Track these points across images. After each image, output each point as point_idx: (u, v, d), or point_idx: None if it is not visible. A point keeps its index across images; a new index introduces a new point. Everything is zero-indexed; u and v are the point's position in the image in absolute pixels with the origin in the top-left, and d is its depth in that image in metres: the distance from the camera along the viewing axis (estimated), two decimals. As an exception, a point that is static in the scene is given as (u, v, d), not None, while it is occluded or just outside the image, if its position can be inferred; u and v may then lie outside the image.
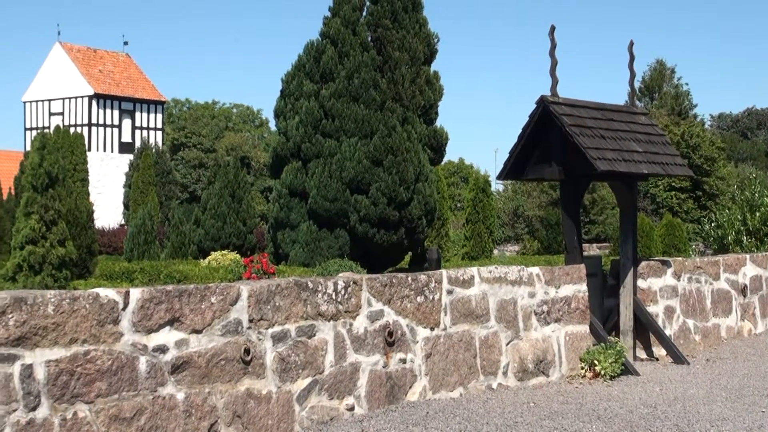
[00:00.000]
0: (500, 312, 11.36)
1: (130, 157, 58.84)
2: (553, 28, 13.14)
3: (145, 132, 64.20)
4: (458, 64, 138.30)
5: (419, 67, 24.60)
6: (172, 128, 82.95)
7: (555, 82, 13.08)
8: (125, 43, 75.96)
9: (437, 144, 25.18)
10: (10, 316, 6.97)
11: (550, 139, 13.01)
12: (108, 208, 58.22)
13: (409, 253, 26.07)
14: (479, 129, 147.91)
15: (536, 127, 13.02)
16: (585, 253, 14.38)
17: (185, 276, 20.20)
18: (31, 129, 63.84)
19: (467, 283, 10.99)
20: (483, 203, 31.29)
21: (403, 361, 10.13)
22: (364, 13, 24.68)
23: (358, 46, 24.01)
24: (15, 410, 6.93)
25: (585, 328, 12.61)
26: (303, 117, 23.97)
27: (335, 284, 9.52)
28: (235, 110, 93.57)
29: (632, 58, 14.42)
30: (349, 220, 23.48)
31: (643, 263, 14.25)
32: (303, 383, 9.06)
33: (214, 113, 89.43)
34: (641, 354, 13.92)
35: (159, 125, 66.01)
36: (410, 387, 10.21)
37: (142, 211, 28.25)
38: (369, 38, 24.50)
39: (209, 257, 24.23)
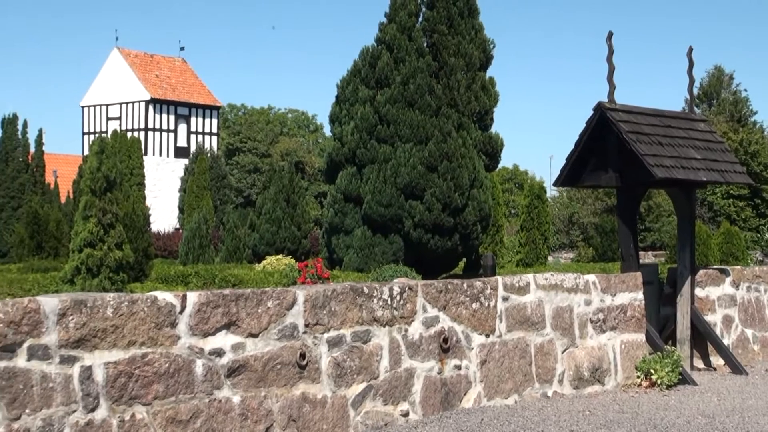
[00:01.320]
0: (556, 319, 11.29)
1: (186, 161, 59.32)
2: (610, 35, 13.06)
3: (200, 137, 64.68)
4: (514, 70, 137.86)
5: (475, 72, 24.56)
6: (228, 133, 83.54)
7: (612, 88, 12.99)
8: (182, 49, 76.86)
9: (492, 150, 25.11)
10: (70, 318, 7.04)
11: (606, 146, 12.92)
12: (163, 212, 58.72)
13: (464, 259, 26.01)
14: (534, 135, 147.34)
15: (593, 133, 12.93)
16: (641, 261, 14.26)
17: (240, 280, 20.30)
18: (88, 133, 64.61)
19: (523, 290, 10.94)
20: (538, 210, 31.14)
21: (458, 367, 10.10)
22: (420, 19, 24.69)
23: (413, 51, 24.02)
24: (74, 411, 7.00)
25: (641, 337, 12.50)
26: (358, 122, 24.03)
27: (391, 290, 9.51)
28: (290, 115, 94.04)
29: (691, 65, 14.27)
30: (404, 225, 23.48)
31: (701, 272, 14.09)
32: (358, 388, 9.06)
33: (269, 118, 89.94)
34: (698, 363, 13.77)
35: (214, 130, 66.50)
36: (465, 393, 10.18)
37: (197, 215, 28.46)
38: (425, 44, 24.50)
39: (264, 261, 24.34)
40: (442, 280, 10.38)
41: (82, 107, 65.95)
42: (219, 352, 7.97)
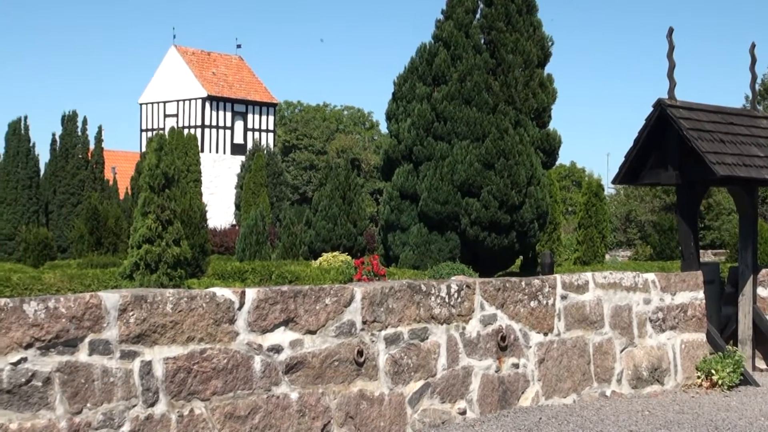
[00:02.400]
0: (615, 318, 11.17)
1: (242, 158, 59.67)
2: (671, 31, 12.90)
3: (256, 134, 64.99)
4: (572, 66, 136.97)
5: (533, 69, 24.43)
6: (284, 130, 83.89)
7: (672, 85, 12.83)
8: (238, 46, 77.20)
9: (550, 147, 24.97)
10: (130, 313, 7.09)
11: (666, 143, 12.76)
12: (220, 208, 59.08)
13: (520, 257, 25.90)
14: (591, 132, 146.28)
15: (652, 130, 12.78)
16: (701, 260, 14.08)
17: (296, 277, 20.37)
18: (146, 130, 65.21)
19: (581, 288, 10.84)
20: (596, 207, 30.88)
21: (516, 366, 10.03)
22: (478, 16, 24.63)
23: (470, 48, 23.96)
24: (134, 406, 7.05)
25: (701, 337, 12.34)
26: (415, 119, 24.01)
27: (448, 287, 9.47)
28: (346, 112, 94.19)
29: (754, 61, 14.05)
30: (460, 223, 23.43)
31: (763, 271, 13.86)
32: (415, 386, 9.04)
33: (325, 115, 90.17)
34: (760, 364, 13.55)
35: (271, 127, 66.80)
36: (523, 392, 10.11)
37: (254, 211, 28.59)
38: (482, 41, 24.42)
39: (320, 258, 24.40)
40: (500, 278, 10.32)
41: (140, 104, 66.56)
42: (277, 349, 7.98)
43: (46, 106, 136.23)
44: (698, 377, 12.01)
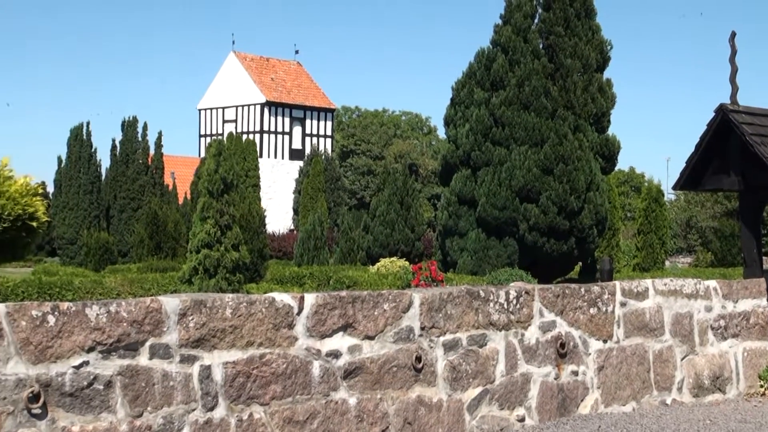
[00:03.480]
0: (675, 326, 11.04)
1: (300, 163, 59.96)
2: (733, 35, 12.73)
3: (315, 139, 65.24)
4: (630, 70, 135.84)
5: (591, 74, 24.27)
6: (342, 135, 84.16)
7: (735, 89, 12.66)
8: (296, 52, 77.38)
9: (609, 153, 24.78)
10: (190, 318, 7.14)
11: (729, 149, 12.59)
12: (278, 213, 59.38)
13: (579, 263, 25.72)
14: (650, 137, 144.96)
15: (714, 136, 12.62)
16: (764, 267, 13.87)
17: (354, 282, 20.39)
18: (205, 136, 65.72)
19: (641, 295, 10.73)
20: (655, 213, 30.59)
21: (575, 373, 9.95)
22: (536, 21, 24.52)
23: (529, 53, 23.86)
24: (194, 410, 7.10)
25: (765, 345, 12.15)
26: (473, 125, 23.96)
27: (507, 294, 9.42)
28: (403, 118, 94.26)
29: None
30: (518, 228, 23.32)
31: (828, 278, 13.63)
32: (474, 392, 8.99)
33: (383, 120, 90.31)
34: (824, 373, 13.33)
35: (329, 132, 67.02)
36: (582, 400, 10.02)
37: (312, 216, 28.70)
38: (540, 45, 24.31)
39: (378, 263, 24.42)
40: (559, 285, 10.25)
41: (199, 110, 67.10)
42: (336, 354, 7.99)
43: (107, 111, 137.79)
44: (761, 386, 11.84)
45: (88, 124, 42.01)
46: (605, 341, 10.28)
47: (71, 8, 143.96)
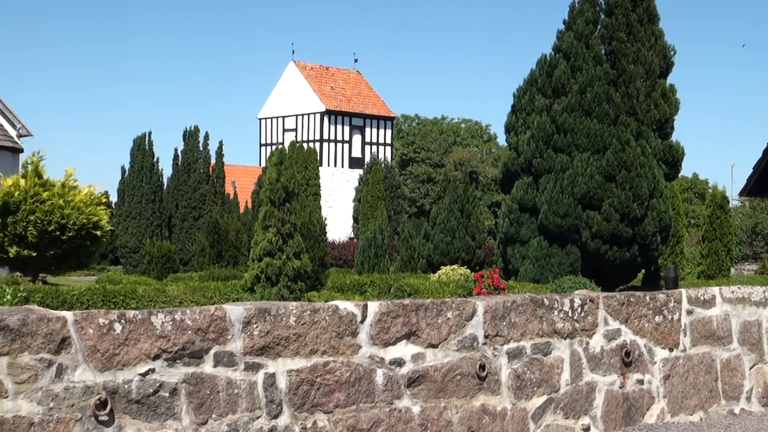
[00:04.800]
0: (743, 334, 10.87)
1: (360, 172, 60.08)
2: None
3: (374, 147, 65.33)
4: (693, 75, 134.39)
5: (654, 80, 24.00)
6: (401, 143, 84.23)
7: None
8: (356, 60, 77.73)
9: (673, 159, 24.48)
10: (254, 326, 7.15)
11: (797, 154, 12.40)
12: (338, 221, 59.51)
13: (642, 270, 25.44)
14: (714, 143, 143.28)
15: (783, 141, 12.43)
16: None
17: (415, 290, 20.33)
18: (265, 145, 66.10)
19: (708, 303, 10.57)
20: (720, 220, 30.14)
21: (641, 382, 9.83)
22: (599, 26, 24.32)
23: (591, 59, 23.67)
24: (258, 417, 7.10)
25: (835, 354, 11.91)
26: (534, 132, 23.82)
27: (571, 302, 9.33)
28: (463, 125, 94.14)
29: None
30: (581, 236, 23.13)
31: None
32: (538, 401, 8.92)
33: (442, 128, 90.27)
34: None
35: (388, 140, 67.08)
36: (647, 409, 9.90)
37: (373, 224, 28.70)
38: (603, 51, 24.11)
39: (439, 271, 24.33)
40: (624, 293, 10.13)
41: (260, 119, 67.52)
42: (399, 362, 7.96)
43: (169, 121, 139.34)
44: (832, 396, 11.60)
45: (150, 134, 42.43)
46: (671, 350, 10.14)
47: (134, 20, 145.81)
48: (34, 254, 22.47)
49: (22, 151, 32.50)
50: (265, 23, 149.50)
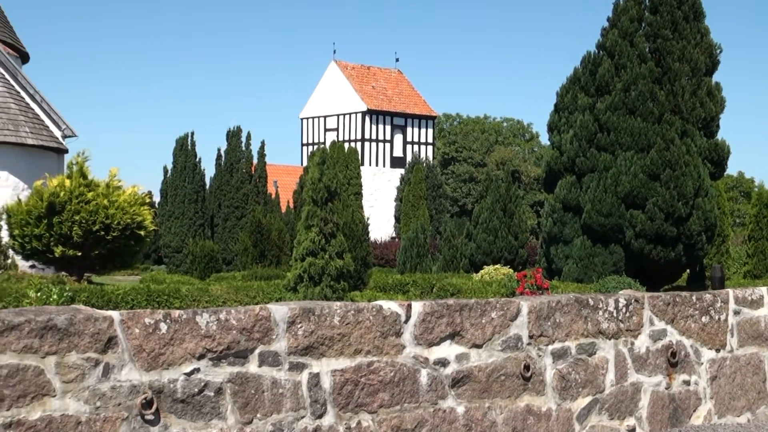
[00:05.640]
0: (791, 335, 10.73)
1: (402, 171, 60.09)
2: None
3: (416, 146, 65.28)
4: (739, 73, 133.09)
5: (700, 78, 23.81)
6: (443, 143, 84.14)
7: None
8: (397, 60, 77.86)
9: (718, 158, 24.28)
10: (299, 326, 7.15)
11: None
12: (380, 221, 59.54)
13: (687, 270, 25.24)
14: (760, 141, 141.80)
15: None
16: None
17: (458, 289, 20.29)
18: (307, 144, 66.26)
19: (756, 303, 10.45)
20: (767, 219, 29.83)
21: (687, 382, 9.73)
22: (643, 24, 24.15)
23: (635, 57, 23.52)
24: (303, 417, 7.10)
25: None
26: (577, 130, 23.71)
27: (616, 302, 9.25)
28: (505, 124, 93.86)
29: None
30: (624, 235, 22.98)
31: None
32: (583, 402, 8.85)
33: (484, 127, 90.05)
34: None
35: (430, 140, 67.01)
36: (694, 410, 9.80)
37: (415, 224, 28.70)
38: (647, 49, 23.94)
39: (482, 271, 24.29)
40: (670, 293, 10.04)
41: (301, 119, 67.69)
42: (443, 362, 7.93)
43: (212, 121, 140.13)
44: None
45: (192, 134, 42.66)
46: (718, 350, 10.04)
47: (177, 21, 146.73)
48: (79, 254, 22.66)
49: (66, 151, 32.78)
50: (307, 23, 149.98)
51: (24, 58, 37.32)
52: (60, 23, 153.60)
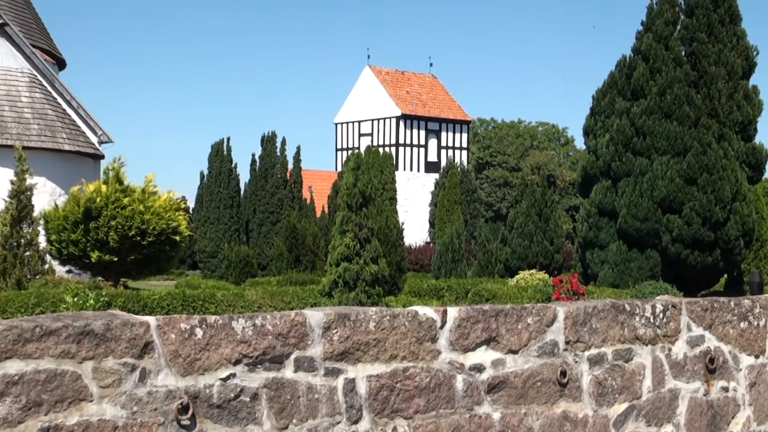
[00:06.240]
0: (831, 340, 10.60)
1: (436, 176, 60.00)
2: None
3: (450, 151, 65.20)
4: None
5: (737, 81, 23.67)
6: (478, 147, 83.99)
7: None
8: (431, 65, 77.79)
9: (756, 162, 24.11)
10: (334, 331, 7.14)
11: None
12: (414, 225, 59.48)
13: (724, 275, 25.05)
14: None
15: None
16: None
17: (493, 294, 20.24)
18: (341, 149, 66.33)
19: (795, 308, 10.33)
20: (805, 223, 29.56)
21: (725, 389, 9.63)
22: (678, 27, 24.02)
23: (670, 61, 23.40)
24: (338, 423, 7.09)
25: None
26: (613, 135, 23.61)
27: (653, 307, 9.18)
28: (540, 128, 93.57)
29: None
30: (661, 240, 22.85)
31: None
32: (620, 408, 8.78)
33: (519, 132, 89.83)
34: None
35: (464, 144, 66.90)
36: (732, 417, 9.70)
37: (450, 229, 28.68)
38: (683, 53, 23.81)
39: (517, 276, 24.22)
40: (708, 298, 9.94)
41: (336, 124, 67.77)
42: (479, 368, 7.89)
43: (246, 127, 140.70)
44: None
45: (228, 139, 42.85)
46: (757, 357, 9.93)
47: (209, 27, 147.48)
48: (116, 259, 22.78)
49: (103, 157, 33.00)
50: (341, 29, 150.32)
51: (61, 64, 37.65)
52: (96, 29, 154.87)
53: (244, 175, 44.33)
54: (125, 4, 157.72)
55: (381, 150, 55.14)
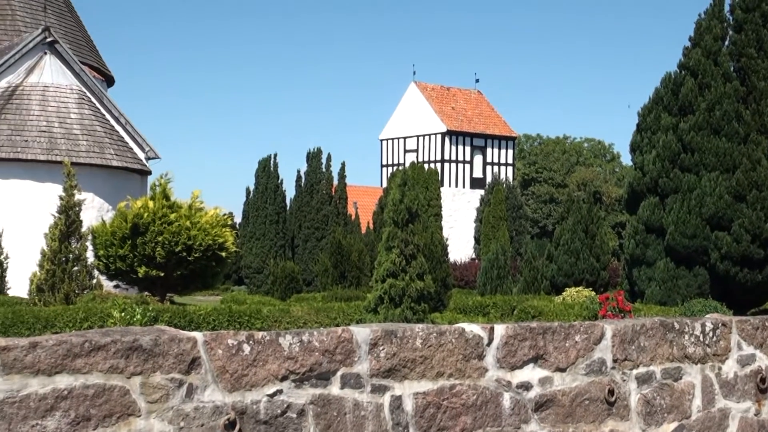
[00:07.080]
0: None
1: (481, 192, 59.88)
2: None
3: (496, 167, 65.01)
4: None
5: (787, 97, 23.42)
6: (523, 163, 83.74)
7: None
8: (476, 81, 77.66)
9: (806, 178, 23.81)
10: (381, 348, 7.12)
11: None
12: (459, 242, 59.34)
13: (776, 293, 24.75)
14: None
15: None
16: None
17: (539, 312, 20.12)
18: (387, 165, 66.33)
19: None
20: None
21: (777, 409, 9.50)
22: (727, 43, 23.83)
23: (719, 76, 23.19)
24: (385, 440, 7.06)
25: None
26: (660, 151, 23.43)
27: (702, 326, 9.07)
28: (586, 144, 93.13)
29: None
30: (709, 257, 22.62)
31: None
32: (669, 427, 8.68)
33: (564, 148, 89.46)
34: None
35: (510, 161, 66.70)
36: (784, 437, 9.56)
37: (495, 245, 28.58)
38: (731, 68, 23.60)
39: (564, 293, 24.06)
40: (758, 317, 9.81)
41: (381, 140, 67.82)
42: (526, 386, 7.84)
43: (292, 143, 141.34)
44: None
45: (275, 156, 43.03)
46: (809, 376, 9.79)
47: (258, 45, 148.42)
48: (162, 274, 22.91)
49: (150, 173, 33.27)
50: (387, 45, 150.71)
51: (109, 81, 38.05)
52: (144, 45, 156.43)
53: (289, 191, 44.52)
54: (175, 21, 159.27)
55: (426, 166, 55.11)
